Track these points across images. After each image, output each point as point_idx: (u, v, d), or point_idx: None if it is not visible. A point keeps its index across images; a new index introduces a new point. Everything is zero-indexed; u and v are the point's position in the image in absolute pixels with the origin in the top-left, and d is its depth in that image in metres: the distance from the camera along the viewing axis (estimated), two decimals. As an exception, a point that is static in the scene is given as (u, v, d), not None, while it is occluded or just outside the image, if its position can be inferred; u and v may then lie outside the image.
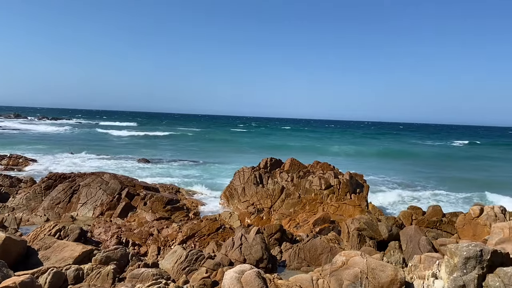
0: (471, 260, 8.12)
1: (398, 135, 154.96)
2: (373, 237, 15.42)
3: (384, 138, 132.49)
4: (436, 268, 9.28)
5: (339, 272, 10.97)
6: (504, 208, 13.82)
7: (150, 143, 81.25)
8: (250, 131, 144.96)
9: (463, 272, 8.14)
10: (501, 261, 8.32)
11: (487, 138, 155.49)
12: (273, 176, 30.93)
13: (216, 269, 13.45)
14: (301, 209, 26.57)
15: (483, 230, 13.40)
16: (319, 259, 14.63)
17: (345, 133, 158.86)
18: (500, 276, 7.82)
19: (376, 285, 10.36)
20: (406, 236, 14.20)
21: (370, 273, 10.61)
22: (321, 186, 28.24)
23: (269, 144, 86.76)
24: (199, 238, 19.69)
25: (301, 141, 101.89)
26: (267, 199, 28.09)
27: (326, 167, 33.00)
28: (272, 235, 17.26)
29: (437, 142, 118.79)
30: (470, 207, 14.99)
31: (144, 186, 28.29)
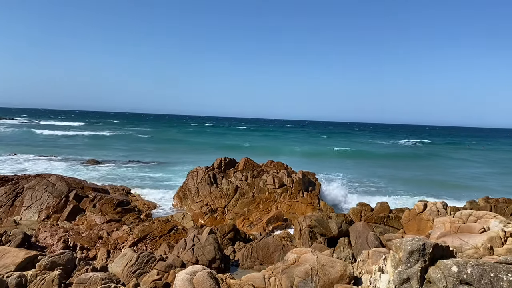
0: (414, 254, 8.47)
1: (351, 134, 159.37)
2: (324, 234, 15.75)
3: (339, 137, 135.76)
4: (382, 262, 9.60)
5: (290, 270, 11.11)
6: (446, 203, 14.56)
7: (100, 143, 78.65)
8: (204, 131, 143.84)
9: (407, 265, 8.47)
10: (441, 253, 8.73)
11: (438, 137, 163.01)
12: (227, 175, 30.86)
13: (168, 271, 13.24)
14: (255, 208, 26.69)
15: (426, 225, 14.04)
16: (271, 257, 14.75)
17: (302, 132, 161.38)
18: (440, 268, 8.20)
19: (326, 281, 10.59)
20: (355, 232, 14.61)
21: (320, 269, 10.82)
22: (274, 185, 28.50)
23: (223, 144, 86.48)
24: (151, 240, 19.30)
25: (258, 141, 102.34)
26: (221, 199, 27.99)
27: (279, 166, 33.36)
28: (225, 235, 17.21)
29: (385, 141, 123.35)
30: (415, 203, 15.67)
31: (93, 188, 27.36)
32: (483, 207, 22.16)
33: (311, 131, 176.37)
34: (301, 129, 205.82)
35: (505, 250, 9.69)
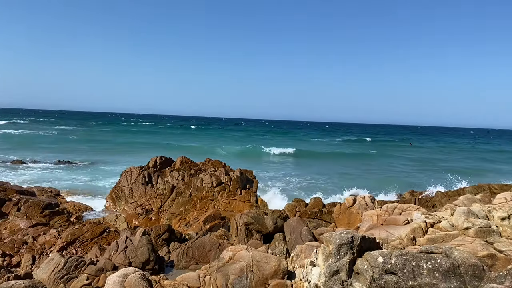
0: (343, 247, 8.78)
1: (291, 133, 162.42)
2: (260, 230, 15.92)
3: (280, 136, 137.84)
4: (314, 256, 9.85)
5: (226, 268, 11.08)
6: (374, 197, 15.30)
7: (26, 142, 73.81)
8: (140, 129, 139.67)
9: (337, 258, 8.76)
10: (369, 245, 9.13)
11: (378, 135, 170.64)
12: (163, 175, 30.23)
13: (99, 274, 12.71)
14: (192, 207, 26.39)
15: (356, 218, 14.66)
16: (207, 256, 14.66)
17: (245, 131, 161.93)
18: (367, 259, 8.57)
19: (261, 277, 10.69)
20: (290, 227, 14.92)
21: (255, 266, 10.91)
22: (212, 184, 28.36)
23: (160, 143, 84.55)
24: (81, 244, 18.42)
25: (200, 140, 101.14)
26: (157, 199, 27.38)
27: (217, 165, 33.24)
28: (160, 235, 16.84)
29: (324, 139, 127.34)
30: (345, 198, 16.32)
31: (18, 190, 25.58)
32: (408, 200, 23.58)
33: (255, 129, 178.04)
34: (244, 127, 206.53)
35: (426, 240, 10.33)
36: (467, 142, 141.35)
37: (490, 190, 25.06)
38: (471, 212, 11.10)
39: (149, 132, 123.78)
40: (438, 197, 23.63)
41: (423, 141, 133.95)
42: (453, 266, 8.02)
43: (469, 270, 7.99)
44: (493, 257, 8.64)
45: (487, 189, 25.16)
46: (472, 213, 11.09)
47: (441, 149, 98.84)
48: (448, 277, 7.92)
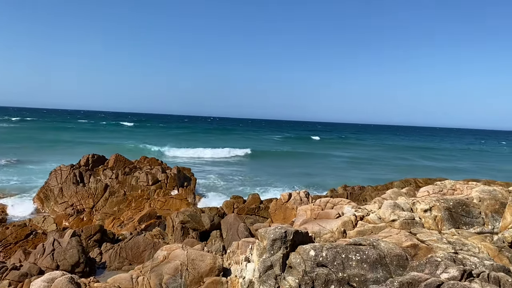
0: (277, 242, 8.90)
1: (236, 130, 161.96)
2: (196, 228, 15.75)
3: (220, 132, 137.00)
4: (249, 252, 9.91)
5: (160, 267, 10.83)
6: (308, 192, 15.70)
7: None
8: (71, 127, 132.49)
9: (271, 253, 8.87)
10: (301, 239, 9.34)
11: (324, 133, 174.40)
12: (95, 173, 28.99)
13: (22, 280, 11.92)
14: (126, 206, 25.55)
15: (291, 213, 14.96)
16: (142, 257, 14.25)
17: (187, 128, 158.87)
18: (300, 253, 8.76)
19: (196, 275, 10.57)
20: (226, 224, 14.90)
21: (190, 264, 10.76)
22: (148, 182, 27.65)
23: (94, 141, 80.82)
24: (4, 248, 17.19)
25: (135, 137, 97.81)
26: (89, 198, 26.20)
27: (154, 162, 32.46)
28: (91, 236, 16.11)
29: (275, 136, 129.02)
30: (281, 193, 16.62)
31: None
32: (341, 194, 24.48)
33: (197, 126, 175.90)
34: (187, 124, 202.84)
35: (355, 233, 10.76)
36: (409, 139, 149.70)
37: (416, 184, 26.68)
38: (397, 205, 11.72)
39: (85, 130, 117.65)
40: (368, 191, 24.75)
41: (365, 139, 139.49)
42: (379, 257, 8.41)
43: (394, 260, 8.42)
44: (416, 247, 9.17)
45: (413, 183, 26.77)
46: (398, 206, 11.71)
47: (381, 147, 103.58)
48: (375, 267, 8.29)
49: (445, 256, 8.28)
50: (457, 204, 11.43)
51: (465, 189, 13.25)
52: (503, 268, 8.27)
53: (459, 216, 11.20)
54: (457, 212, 11.27)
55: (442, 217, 11.06)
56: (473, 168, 63.23)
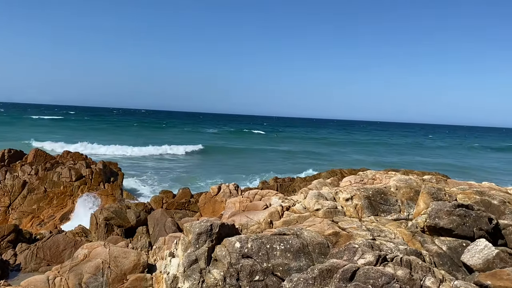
0: (202, 235, 8.78)
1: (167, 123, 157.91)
2: (121, 225, 15.17)
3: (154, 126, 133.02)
4: (174, 247, 9.69)
5: (79, 266, 10.29)
6: (237, 185, 15.73)
7: None
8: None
9: (196, 247, 8.73)
10: (227, 232, 9.29)
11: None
12: (12, 170, 26.92)
13: None
14: (47, 204, 24.04)
15: (220, 206, 14.92)
16: (61, 256, 13.46)
17: (110, 122, 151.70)
18: (226, 245, 8.71)
19: (119, 273, 10.17)
20: (153, 219, 14.51)
21: (112, 262, 10.33)
22: (71, 178, 26.19)
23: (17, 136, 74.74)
24: None
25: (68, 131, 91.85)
26: (5, 196, 24.31)
27: (77, 157, 30.81)
28: (4, 237, 14.91)
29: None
30: (210, 187, 16.50)
31: None
32: (272, 186, 24.89)
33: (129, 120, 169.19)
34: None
35: (281, 223, 10.93)
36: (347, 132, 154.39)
37: (342, 174, 27.80)
38: (321, 195, 12.07)
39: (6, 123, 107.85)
40: (297, 182, 25.39)
41: (300, 132, 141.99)
42: (302, 246, 8.60)
43: (316, 248, 8.66)
44: (337, 235, 9.50)
45: (339, 174, 27.88)
46: (322, 195, 12.07)
47: (323, 141, 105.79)
48: (298, 256, 8.46)
49: (363, 243, 8.64)
50: (376, 192, 12.02)
51: (384, 178, 14.00)
52: (415, 252, 8.81)
53: (378, 204, 11.79)
54: (376, 200, 11.85)
55: (362, 205, 11.57)
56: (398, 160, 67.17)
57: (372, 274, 6.22)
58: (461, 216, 9.81)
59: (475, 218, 9.88)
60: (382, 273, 6.23)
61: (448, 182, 14.29)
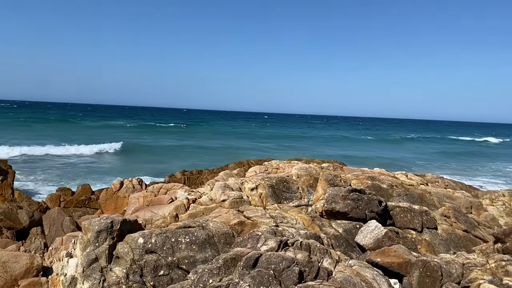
0: (102, 233, 8.38)
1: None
2: (11, 227, 13.89)
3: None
4: (72, 246, 9.14)
5: (-40, 276, 9.22)
6: (141, 179, 15.26)
7: None
8: None
9: (96, 245, 8.31)
10: (130, 228, 8.98)
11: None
12: None
13: None
14: None
15: (123, 202, 14.36)
16: None
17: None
18: (128, 242, 8.42)
19: (9, 279, 9.31)
20: (49, 219, 13.50)
21: (1, 268, 9.42)
22: (-50, 178, 23.25)
23: None
24: None
25: None
26: None
27: (-43, 155, 27.45)
28: None
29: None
30: (112, 182, 15.78)
31: None
32: (179, 179, 24.52)
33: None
34: None
35: (187, 216, 10.86)
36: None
37: (249, 165, 28.31)
38: (227, 185, 12.21)
39: None
40: (205, 174, 25.36)
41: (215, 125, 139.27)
42: (208, 237, 8.63)
43: (222, 238, 8.75)
44: (242, 224, 9.71)
45: (246, 165, 28.38)
46: (228, 186, 12.22)
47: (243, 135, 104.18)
48: (204, 247, 8.48)
49: (267, 230, 8.93)
50: (279, 181, 12.48)
51: (287, 167, 14.58)
52: (314, 236, 9.34)
53: (281, 192, 12.25)
54: (279, 188, 12.31)
55: (267, 194, 11.94)
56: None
57: (273, 259, 6.46)
58: (354, 200, 10.59)
59: (367, 201, 10.74)
60: (283, 258, 6.49)
61: (344, 169, 15.34)
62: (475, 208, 13.51)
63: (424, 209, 11.58)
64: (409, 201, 12.40)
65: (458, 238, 11.08)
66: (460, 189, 17.69)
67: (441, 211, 12.08)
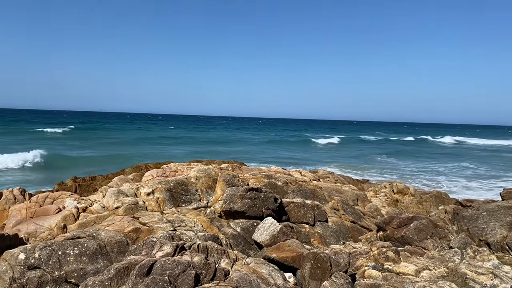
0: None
1: None
2: None
3: None
4: None
5: None
6: (24, 189, 13.87)
7: None
8: None
9: (-34, 266, 7.36)
10: (8, 244, 8.14)
11: None
12: None
13: None
14: None
15: (2, 215, 12.92)
16: None
17: None
18: (7, 259, 7.58)
19: None
20: None
21: None
22: None
23: None
24: None
25: None
26: None
27: None
28: None
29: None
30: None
31: None
32: (70, 187, 22.84)
33: None
34: None
35: (77, 226, 10.14)
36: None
37: (147, 168, 27.43)
38: (121, 192, 11.66)
39: None
40: (99, 180, 23.98)
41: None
42: (99, 247, 8.14)
43: (115, 247, 8.31)
44: (137, 231, 9.34)
45: (144, 169, 27.44)
46: (122, 192, 11.68)
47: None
48: (95, 258, 7.98)
49: (163, 235, 8.72)
50: (177, 184, 12.25)
51: (185, 169, 14.38)
52: (213, 237, 9.34)
53: (179, 195, 12.04)
54: (177, 191, 12.09)
55: (164, 198, 11.65)
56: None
57: (168, 265, 6.30)
58: (252, 199, 10.81)
59: (263, 199, 11.03)
60: (178, 263, 6.37)
61: (243, 169, 15.60)
62: (361, 200, 14.66)
63: (316, 204, 12.25)
64: (303, 196, 13.02)
65: (347, 229, 11.91)
66: (348, 183, 19.07)
67: (331, 204, 12.88)
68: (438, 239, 9.54)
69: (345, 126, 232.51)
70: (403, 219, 10.06)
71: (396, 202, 16.33)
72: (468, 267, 7.56)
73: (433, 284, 6.66)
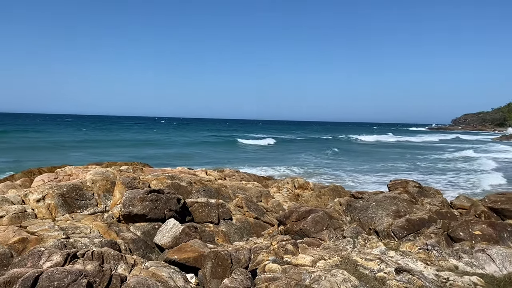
0: None
1: None
2: None
3: None
4: None
5: None
6: None
7: None
8: None
9: None
10: None
11: None
12: None
13: None
14: None
15: None
16: None
17: None
18: None
19: None
20: None
21: None
22: None
23: None
24: None
25: None
26: None
27: None
28: None
29: None
30: None
31: None
32: None
33: None
34: None
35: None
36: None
37: (40, 173, 25.32)
38: (5, 199, 10.63)
39: None
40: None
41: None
42: (-23, 262, 7.30)
43: (-4, 261, 7.52)
44: (24, 241, 8.55)
45: (37, 173, 25.28)
46: (7, 200, 10.64)
47: None
48: (-28, 275, 7.14)
49: (54, 244, 8.09)
50: (71, 189, 11.45)
51: (81, 173, 13.52)
52: (110, 243, 8.88)
53: (73, 200, 11.27)
54: (71, 196, 11.31)
55: (56, 204, 10.82)
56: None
57: (57, 275, 5.84)
58: (153, 201, 10.50)
59: (165, 200, 10.77)
60: (68, 272, 5.93)
61: (145, 170, 15.11)
62: (264, 196, 15.03)
63: (221, 202, 12.28)
64: (207, 196, 12.98)
65: (250, 225, 12.12)
66: (254, 180, 19.46)
67: (235, 202, 13.02)
68: (333, 229, 10.13)
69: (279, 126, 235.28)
70: (301, 213, 10.50)
71: (297, 196, 17.02)
72: (358, 254, 8.11)
73: (328, 273, 7.01)
